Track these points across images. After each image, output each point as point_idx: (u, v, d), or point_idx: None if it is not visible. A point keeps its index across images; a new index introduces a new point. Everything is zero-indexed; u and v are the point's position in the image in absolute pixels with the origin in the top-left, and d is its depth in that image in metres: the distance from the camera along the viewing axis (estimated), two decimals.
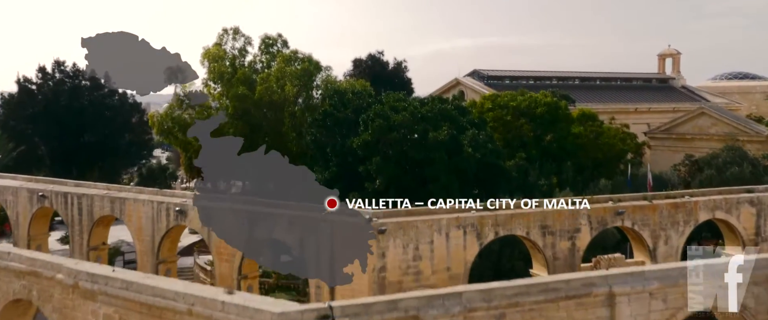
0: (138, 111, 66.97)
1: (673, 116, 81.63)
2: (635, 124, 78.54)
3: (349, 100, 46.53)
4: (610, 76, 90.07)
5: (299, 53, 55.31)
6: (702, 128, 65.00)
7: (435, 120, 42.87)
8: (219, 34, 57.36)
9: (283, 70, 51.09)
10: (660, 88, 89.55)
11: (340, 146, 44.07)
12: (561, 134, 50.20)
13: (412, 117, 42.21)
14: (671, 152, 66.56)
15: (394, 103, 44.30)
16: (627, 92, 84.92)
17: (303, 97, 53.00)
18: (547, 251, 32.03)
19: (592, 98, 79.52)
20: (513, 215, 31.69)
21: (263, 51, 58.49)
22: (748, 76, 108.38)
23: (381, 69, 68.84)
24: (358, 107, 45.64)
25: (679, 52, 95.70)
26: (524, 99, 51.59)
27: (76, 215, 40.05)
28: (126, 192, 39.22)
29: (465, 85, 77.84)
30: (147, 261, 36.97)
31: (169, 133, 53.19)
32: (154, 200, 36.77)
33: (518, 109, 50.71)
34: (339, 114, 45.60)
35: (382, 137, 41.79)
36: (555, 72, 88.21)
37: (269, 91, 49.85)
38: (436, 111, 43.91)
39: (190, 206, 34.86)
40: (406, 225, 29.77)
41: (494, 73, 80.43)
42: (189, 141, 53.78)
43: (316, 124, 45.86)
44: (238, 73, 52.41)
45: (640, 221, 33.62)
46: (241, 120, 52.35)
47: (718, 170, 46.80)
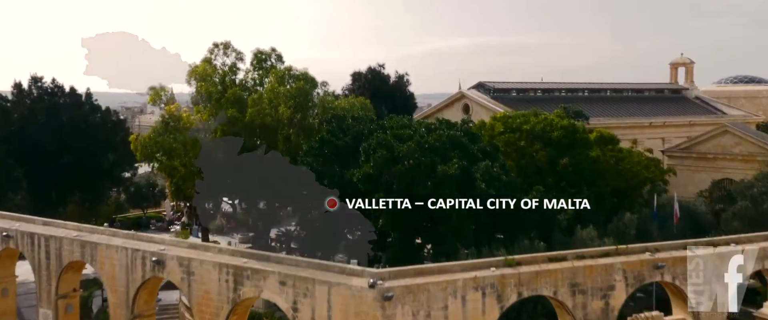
0: (121, 129, 62.69)
1: (688, 131, 77.79)
2: (650, 139, 74.77)
3: (349, 125, 42.36)
4: (621, 86, 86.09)
5: (294, 70, 51.16)
6: (725, 147, 60.94)
7: (443, 150, 38.70)
8: (209, 48, 53.32)
9: (277, 90, 46.84)
10: (673, 99, 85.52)
11: (339, 178, 39.88)
12: (578, 159, 46.03)
13: (418, 147, 38.01)
14: (691, 171, 62.61)
15: (398, 130, 40.11)
16: (639, 105, 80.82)
17: (298, 118, 48.74)
18: (577, 312, 27.89)
19: (603, 111, 75.50)
20: (538, 273, 27.52)
21: (256, 66, 54.35)
22: (754, 80, 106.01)
23: (382, 83, 64.72)
24: (358, 134, 41.48)
25: (692, 61, 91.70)
26: (539, 121, 47.39)
27: (44, 258, 35.81)
28: (98, 235, 34.92)
29: (470, 98, 73.65)
30: (121, 315, 32.71)
31: (153, 157, 48.93)
32: (128, 247, 32.51)
33: (532, 132, 46.54)
34: (338, 142, 41.42)
35: (386, 169, 37.65)
36: (563, 83, 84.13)
37: (261, 113, 45.58)
38: (445, 138, 39.74)
39: (169, 256, 30.66)
40: (416, 289, 25.58)
41: (500, 85, 76.28)
42: (174, 166, 49.72)
43: (313, 152, 41.66)
44: (228, 92, 48.16)
45: (681, 274, 29.48)
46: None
47: (753, 202, 42.65)
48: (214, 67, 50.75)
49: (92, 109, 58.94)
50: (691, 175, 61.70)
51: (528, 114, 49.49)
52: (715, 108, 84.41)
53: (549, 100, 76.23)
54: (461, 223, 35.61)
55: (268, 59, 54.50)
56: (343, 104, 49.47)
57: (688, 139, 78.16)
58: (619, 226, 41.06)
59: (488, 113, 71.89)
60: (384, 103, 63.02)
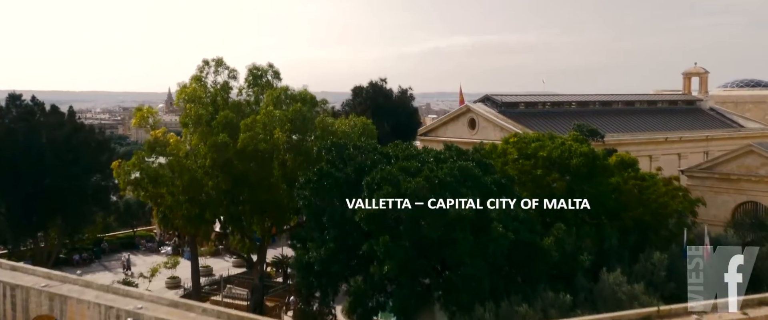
0: (107, 149, 58.92)
1: (705, 145, 74.29)
2: (665, 155, 71.34)
3: (350, 155, 38.59)
4: (633, 98, 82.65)
5: (290, 90, 47.46)
6: (750, 168, 57.24)
7: (455, 185, 34.94)
8: (198, 66, 49.52)
9: (272, 114, 43.08)
10: (687, 111, 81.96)
11: (340, 215, 36.09)
12: (599, 188, 42.33)
13: (427, 182, 34.24)
14: (713, 193, 58.88)
15: (404, 162, 36.33)
16: (652, 117, 77.29)
17: (295, 142, 45.01)
18: None
19: (616, 125, 71.97)
20: None
21: (251, 83, 50.59)
22: (761, 84, 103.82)
23: (384, 100, 61.03)
24: (360, 165, 37.70)
25: (706, 71, 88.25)
26: (556, 147, 43.64)
27: (9, 309, 32.09)
28: (69, 286, 31.21)
29: (476, 112, 69.99)
30: None
31: (137, 185, 45.15)
32: (101, 304, 28.80)
33: (549, 159, 42.84)
34: (338, 174, 37.61)
35: (391, 209, 33.90)
36: (573, 96, 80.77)
37: (254, 139, 41.83)
38: (456, 170, 35.98)
39: (146, 318, 26.95)
40: None
41: (508, 99, 72.63)
42: (161, 193, 45.98)
43: (310, 185, 37.84)
44: (219, 115, 44.37)
45: None
46: (221, 172, 44.40)
47: None
48: (204, 86, 46.96)
49: (75, 128, 55.15)
50: (714, 197, 58.02)
51: (544, 138, 45.76)
52: (731, 120, 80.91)
53: (559, 114, 72.74)
54: (476, 270, 31.86)
55: (263, 76, 50.83)
56: (344, 128, 45.68)
57: (706, 154, 74.53)
58: (647, 266, 37.33)
59: (496, 129, 68.41)
60: (387, 119, 59.39)
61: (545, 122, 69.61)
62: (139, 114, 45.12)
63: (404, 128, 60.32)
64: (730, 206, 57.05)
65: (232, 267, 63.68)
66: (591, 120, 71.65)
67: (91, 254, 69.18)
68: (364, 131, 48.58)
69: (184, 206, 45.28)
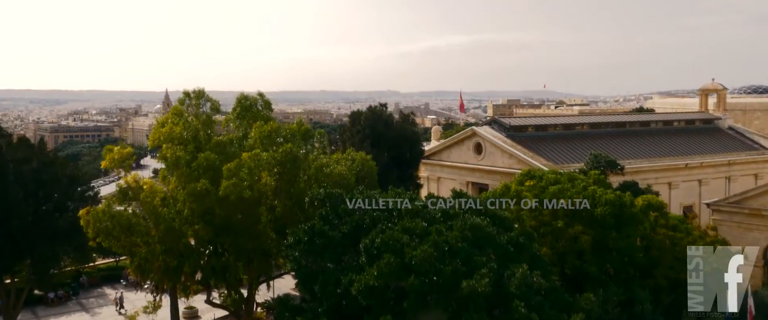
0: (82, 182, 53.98)
1: (727, 171, 69.63)
2: (685, 182, 66.75)
3: (346, 210, 33.70)
4: (647, 119, 78.16)
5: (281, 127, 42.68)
6: None
7: (468, 250, 30.09)
8: (179, 99, 44.78)
9: (258, 157, 38.25)
10: (705, 131, 77.28)
11: (334, 283, 31.22)
12: (628, 241, 37.59)
13: (435, 249, 29.39)
14: (742, 229, 54.01)
15: (408, 223, 31.38)
16: (669, 140, 72.64)
17: (284, 188, 40.22)
18: None
19: (631, 150, 67.30)
20: None
21: (240, 115, 45.93)
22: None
23: (384, 128, 55.96)
24: (358, 223, 32.84)
25: (724, 88, 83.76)
26: (578, 191, 38.84)
27: None
28: None
29: (482, 137, 65.23)
30: None
31: (108, 234, 40.24)
32: None
33: (572, 209, 38.02)
34: (332, 233, 32.73)
35: (394, 281, 29.07)
36: (584, 118, 76.20)
37: (238, 187, 36.96)
38: (468, 230, 31.13)
39: None
40: None
41: (516, 122, 68.06)
42: (136, 243, 41.12)
43: (300, 246, 32.94)
44: (200, 156, 39.52)
45: None
46: (201, 220, 39.58)
47: None
48: (183, 123, 42.10)
49: (44, 163, 50.12)
50: (743, 233, 53.20)
51: (563, 180, 40.90)
52: (752, 141, 76.19)
53: (570, 137, 68.11)
54: None
55: (253, 106, 46.20)
56: (341, 168, 40.83)
57: (728, 180, 69.91)
58: None
59: (504, 155, 63.82)
60: (387, 150, 54.54)
61: (556, 147, 65.02)
62: (109, 156, 40.15)
63: (407, 159, 55.42)
64: (762, 244, 52.35)
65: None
66: (604, 144, 67.19)
67: (68, 290, 64.38)
68: (362, 169, 43.91)
69: (161, 257, 40.45)
